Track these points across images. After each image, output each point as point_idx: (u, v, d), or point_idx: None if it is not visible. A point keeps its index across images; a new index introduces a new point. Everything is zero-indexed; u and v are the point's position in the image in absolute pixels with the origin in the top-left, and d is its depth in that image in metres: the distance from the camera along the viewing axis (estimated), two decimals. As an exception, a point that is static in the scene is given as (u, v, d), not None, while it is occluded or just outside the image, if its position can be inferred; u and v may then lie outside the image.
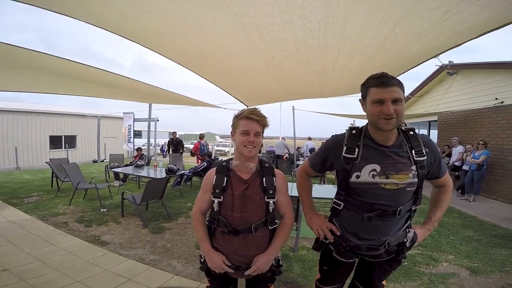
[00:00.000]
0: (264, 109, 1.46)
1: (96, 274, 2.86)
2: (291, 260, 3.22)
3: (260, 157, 1.53)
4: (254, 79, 3.97)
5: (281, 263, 1.52)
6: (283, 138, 13.33)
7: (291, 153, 11.29)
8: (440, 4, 1.60)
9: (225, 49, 2.75)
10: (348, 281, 1.68)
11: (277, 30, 2.18)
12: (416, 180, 1.29)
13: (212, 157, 8.13)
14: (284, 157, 11.54)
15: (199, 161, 9.22)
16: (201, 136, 9.71)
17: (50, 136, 14.20)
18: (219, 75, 3.87)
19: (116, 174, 7.55)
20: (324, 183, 7.86)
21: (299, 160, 10.62)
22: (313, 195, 1.64)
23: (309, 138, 13.26)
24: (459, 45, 2.17)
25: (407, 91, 10.43)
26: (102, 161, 13.74)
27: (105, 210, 5.08)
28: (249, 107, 1.45)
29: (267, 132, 1.47)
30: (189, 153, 11.06)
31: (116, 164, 8.03)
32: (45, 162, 7.69)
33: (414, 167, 1.28)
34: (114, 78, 4.23)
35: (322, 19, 1.95)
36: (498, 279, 2.88)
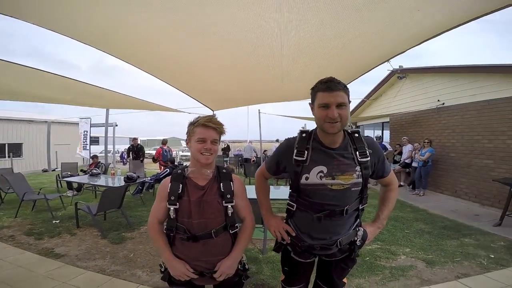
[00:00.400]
0: (231, 113, 1.47)
1: (52, 287, 2.66)
2: (261, 262, 3.24)
3: (228, 161, 1.54)
4: (219, 84, 3.97)
5: (247, 266, 1.52)
6: (250, 142, 13.45)
7: (259, 156, 11.42)
8: (385, 15, 1.75)
9: (187, 54, 2.72)
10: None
11: (239, 37, 2.23)
12: (360, 180, 1.35)
13: (176, 163, 7.92)
14: (252, 160, 11.66)
15: (162, 167, 8.94)
16: (164, 142, 9.45)
17: (-10, 144, 12.74)
18: (182, 80, 3.81)
19: (69, 184, 7.04)
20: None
21: (265, 162, 10.83)
22: (279, 197, 1.68)
23: (277, 141, 13.51)
24: (404, 51, 2.37)
25: (363, 95, 11.16)
26: (54, 170, 12.67)
27: (57, 221, 4.74)
28: (205, 115, 1.44)
29: (235, 136, 1.50)
30: (151, 159, 10.68)
31: (69, 173, 7.46)
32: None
33: (358, 168, 1.34)
34: (68, 83, 3.95)
35: (279, 31, 2.05)
36: (452, 269, 3.09)
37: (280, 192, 4.25)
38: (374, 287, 2.76)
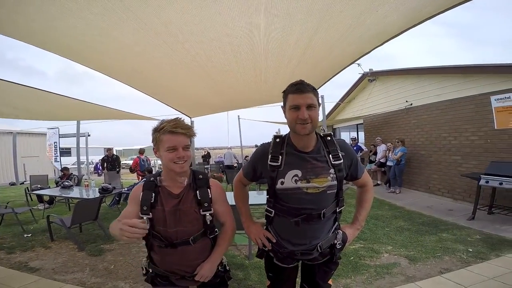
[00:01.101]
0: (210, 120, 1.43)
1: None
2: (248, 268, 3.21)
3: (208, 168, 1.49)
4: (194, 90, 3.94)
5: (228, 268, 1.51)
6: (230, 148, 13.42)
7: (240, 162, 11.40)
8: (346, 17, 1.82)
9: (158, 61, 2.68)
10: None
11: (206, 46, 2.24)
12: (335, 182, 1.35)
13: (154, 172, 7.71)
14: (234, 166, 11.62)
15: (140, 177, 8.70)
16: (141, 151, 9.21)
17: None
18: (155, 88, 3.74)
19: (40, 197, 6.66)
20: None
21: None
22: (258, 202, 1.67)
23: (256, 146, 13.52)
24: (368, 52, 2.47)
25: (337, 98, 11.53)
26: (22, 183, 11.92)
27: (29, 235, 4.50)
28: (170, 119, 1.32)
29: (215, 143, 1.44)
30: (129, 169, 10.35)
31: (39, 186, 7.06)
32: None
33: (332, 171, 1.34)
34: (33, 93, 3.72)
35: (247, 36, 2.09)
36: (435, 265, 3.15)
37: (263, 197, 4.25)
38: (361, 287, 2.80)
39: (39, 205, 6.64)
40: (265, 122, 11.31)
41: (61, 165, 10.31)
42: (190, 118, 6.18)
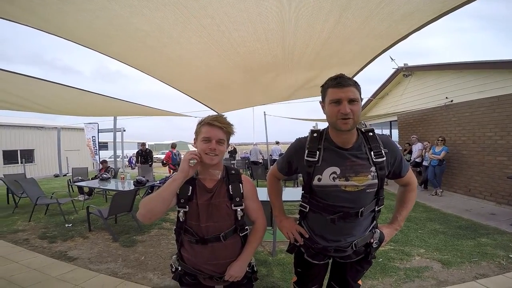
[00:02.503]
0: (237, 116, 1.43)
1: (64, 290, 2.70)
2: (271, 265, 3.22)
3: (235, 164, 1.50)
4: (223, 85, 3.97)
5: (255, 269, 1.49)
6: (256, 144, 13.47)
7: (265, 158, 11.42)
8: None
9: (190, 56, 2.73)
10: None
11: (242, 35, 2.22)
12: (376, 181, 1.30)
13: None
14: (259, 163, 11.68)
15: (171, 171, 9.03)
16: (173, 146, 9.55)
17: (3, 150, 13.02)
18: (186, 83, 3.82)
19: (80, 188, 7.15)
20: (297, 186, 8.02)
21: (272, 164, 10.79)
22: (288, 198, 1.66)
23: (277, 143, 13.45)
24: (404, 37, 2.28)
25: (369, 94, 11.07)
26: (65, 175, 12.91)
27: (70, 225, 4.83)
28: (213, 114, 1.40)
29: (241, 139, 1.44)
30: (161, 163, 10.78)
31: (80, 178, 7.60)
32: (-1, 179, 7.09)
33: (373, 169, 1.29)
34: (73, 93, 3.97)
35: (282, 28, 2.04)
36: (470, 270, 3.01)
37: (287, 193, 4.23)
38: (388, 289, 2.71)
39: (79, 196, 7.14)
40: (290, 119, 11.17)
41: (99, 158, 10.99)
42: (218, 113, 6.24)
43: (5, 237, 4.22)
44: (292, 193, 4.40)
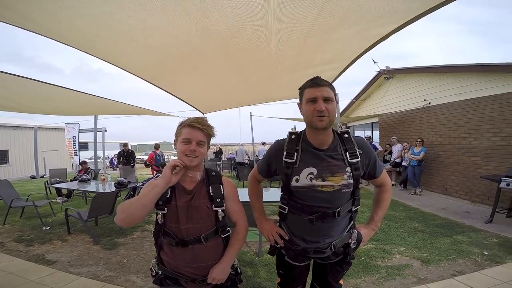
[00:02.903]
0: (223, 117, 1.43)
1: (44, 295, 2.60)
2: (257, 265, 3.23)
3: (220, 165, 1.49)
4: (209, 85, 3.95)
5: (239, 270, 1.49)
6: (242, 145, 13.46)
7: (251, 159, 11.42)
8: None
9: (175, 55, 2.70)
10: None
11: (227, 36, 2.22)
12: (351, 181, 1.33)
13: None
14: (245, 164, 11.68)
15: (154, 172, 8.87)
16: (157, 146, 9.38)
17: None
18: (171, 82, 3.77)
19: (59, 190, 6.90)
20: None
21: (259, 165, 10.81)
22: (273, 199, 1.67)
23: (263, 143, 13.50)
24: (383, 39, 2.34)
25: (352, 96, 11.34)
26: (42, 177, 12.41)
27: (47, 228, 4.66)
28: (195, 116, 1.39)
29: (227, 140, 1.44)
30: (144, 164, 10.57)
31: (58, 179, 7.32)
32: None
33: (348, 169, 1.32)
34: (53, 90, 3.84)
35: (267, 30, 2.06)
36: (448, 267, 3.11)
37: (272, 194, 4.25)
38: (371, 287, 2.77)
39: (57, 198, 6.87)
40: (277, 119, 11.25)
41: (79, 159, 10.64)
42: (203, 113, 6.21)
43: (-24, 241, 4.02)
44: (277, 194, 4.41)
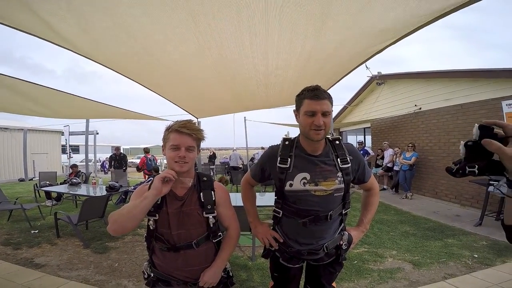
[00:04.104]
0: (217, 121, 1.42)
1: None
2: (251, 269, 3.22)
3: (214, 169, 1.47)
4: (203, 91, 3.95)
5: (231, 274, 1.49)
6: (235, 150, 13.46)
7: (245, 163, 11.42)
8: (350, 7, 1.80)
9: (170, 59, 2.70)
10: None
11: (222, 44, 2.24)
12: (342, 186, 1.39)
13: (159, 172, 7.80)
14: (239, 168, 11.65)
15: (146, 176, 8.79)
16: (147, 150, 9.28)
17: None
18: (164, 86, 3.76)
19: (48, 193, 6.78)
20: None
21: (253, 170, 10.79)
22: (267, 203, 1.70)
23: (262, 148, 13.50)
24: (380, 51, 2.41)
25: (344, 101, 11.47)
26: (31, 179, 12.15)
27: (36, 231, 4.57)
28: (181, 120, 1.35)
29: (221, 144, 1.42)
30: (136, 168, 10.46)
31: (48, 182, 7.20)
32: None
33: (340, 174, 1.38)
34: (43, 92, 3.78)
35: (262, 38, 2.09)
36: (439, 270, 3.15)
37: (267, 198, 4.26)
38: (363, 290, 2.78)
39: (46, 201, 6.75)
40: (271, 124, 11.34)
41: (70, 162, 10.49)
42: (197, 118, 6.21)
43: (-38, 244, 3.91)
44: (271, 198, 4.41)
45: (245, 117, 10.02)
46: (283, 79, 3.27)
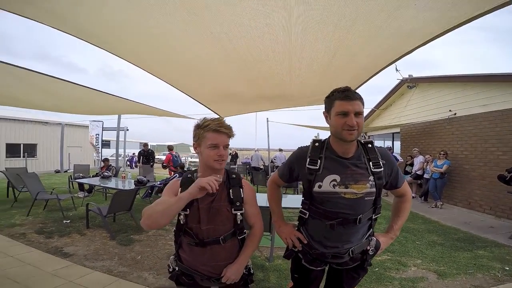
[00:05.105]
0: (239, 121, 1.42)
1: (58, 285, 2.71)
2: (267, 270, 3.22)
3: (235, 169, 1.50)
4: (228, 89, 4.00)
5: (252, 271, 1.52)
6: (257, 150, 13.48)
7: (266, 164, 11.42)
8: (382, 8, 1.73)
9: (196, 57, 2.75)
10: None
11: (247, 36, 2.26)
12: (374, 190, 1.36)
13: (185, 169, 8.02)
14: (260, 169, 11.66)
15: (172, 173, 9.04)
16: (171, 148, 9.57)
17: (6, 143, 13.10)
18: (190, 84, 3.85)
19: (81, 185, 7.19)
20: (298, 193, 8.00)
21: (273, 171, 10.72)
22: (288, 205, 1.69)
23: (280, 150, 13.41)
24: (408, 52, 2.31)
25: (372, 104, 11.09)
26: (66, 171, 12.97)
27: (68, 221, 4.83)
28: (213, 118, 1.39)
29: (243, 144, 1.45)
30: (161, 165, 10.81)
31: (81, 174, 7.63)
32: (0, 171, 7.13)
33: (371, 178, 1.36)
34: (80, 91, 4.01)
35: (287, 36, 2.07)
36: (464, 282, 3.03)
37: (287, 200, 4.24)
38: (383, 298, 2.70)
39: (79, 193, 7.15)
40: (292, 125, 11.18)
41: (101, 156, 11.06)
42: (221, 117, 6.26)
43: (2, 231, 4.23)
44: (292, 200, 4.40)
45: (267, 118, 10.01)
46: (305, 79, 3.22)
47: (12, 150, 13.40)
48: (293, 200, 4.38)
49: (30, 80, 3.49)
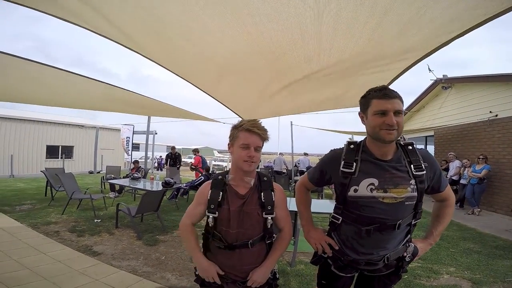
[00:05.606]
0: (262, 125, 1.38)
1: (85, 284, 2.80)
2: (289, 275, 3.15)
3: (258, 171, 1.48)
4: (252, 92, 3.99)
5: (277, 276, 1.48)
6: (281, 154, 13.35)
7: (289, 168, 11.28)
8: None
9: (224, 61, 2.77)
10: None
11: (277, 34, 2.22)
12: (415, 194, 1.28)
13: (210, 171, 8.15)
14: (283, 173, 11.53)
15: (199, 174, 9.24)
16: (197, 150, 9.83)
17: (47, 145, 14.10)
18: (217, 87, 3.88)
19: (112, 186, 7.51)
20: (322, 198, 7.81)
21: (296, 175, 10.56)
22: (311, 210, 1.63)
23: (305, 154, 13.17)
24: (445, 44, 2.15)
25: (404, 106, 10.58)
26: (98, 172, 13.68)
27: (98, 220, 5.04)
28: (249, 119, 1.36)
29: (265, 148, 1.38)
30: (189, 167, 11.07)
31: (113, 175, 7.99)
32: (40, 171, 7.66)
33: (413, 181, 1.28)
34: (113, 90, 4.22)
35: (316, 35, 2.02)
36: None
37: (321, 205, 4.14)
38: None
39: (110, 193, 7.47)
40: (316, 130, 10.96)
41: (131, 158, 11.53)
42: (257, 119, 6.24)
43: (38, 228, 4.47)
44: (316, 205, 4.27)
45: (291, 122, 9.87)
46: (332, 78, 3.12)
47: (52, 151, 14.37)
48: (316, 205, 4.25)
49: (70, 81, 3.72)
